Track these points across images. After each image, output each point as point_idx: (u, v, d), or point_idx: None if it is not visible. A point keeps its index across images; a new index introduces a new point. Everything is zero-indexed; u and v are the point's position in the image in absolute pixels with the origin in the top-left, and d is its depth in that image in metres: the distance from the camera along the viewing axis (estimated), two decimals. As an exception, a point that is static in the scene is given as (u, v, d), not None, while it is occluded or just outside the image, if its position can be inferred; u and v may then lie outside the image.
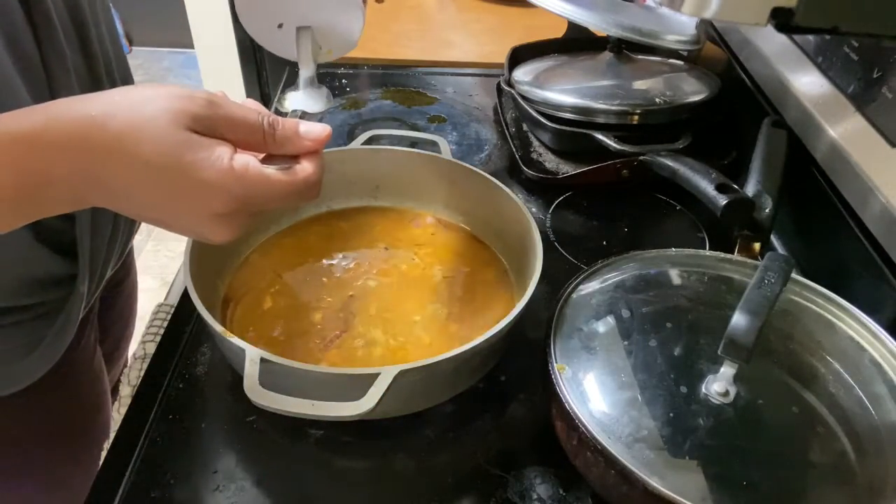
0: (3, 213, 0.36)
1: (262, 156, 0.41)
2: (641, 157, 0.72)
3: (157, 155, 0.36)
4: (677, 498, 0.38)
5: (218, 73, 2.55)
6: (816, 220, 0.66)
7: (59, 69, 0.48)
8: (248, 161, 0.39)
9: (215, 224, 0.39)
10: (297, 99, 0.68)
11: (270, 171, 0.40)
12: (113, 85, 0.56)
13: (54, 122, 0.35)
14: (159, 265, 2.07)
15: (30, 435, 0.60)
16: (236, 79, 2.26)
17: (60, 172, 0.35)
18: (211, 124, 0.38)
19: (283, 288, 0.60)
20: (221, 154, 0.38)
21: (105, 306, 0.74)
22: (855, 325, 0.49)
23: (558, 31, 0.94)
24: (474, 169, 0.64)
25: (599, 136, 0.75)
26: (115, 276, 0.75)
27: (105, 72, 0.55)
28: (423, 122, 0.91)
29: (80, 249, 0.53)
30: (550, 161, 0.80)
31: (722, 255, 0.56)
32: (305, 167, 0.41)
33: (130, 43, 3.18)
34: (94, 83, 0.54)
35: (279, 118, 0.41)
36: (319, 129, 0.42)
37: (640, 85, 0.82)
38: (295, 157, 0.42)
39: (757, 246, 0.59)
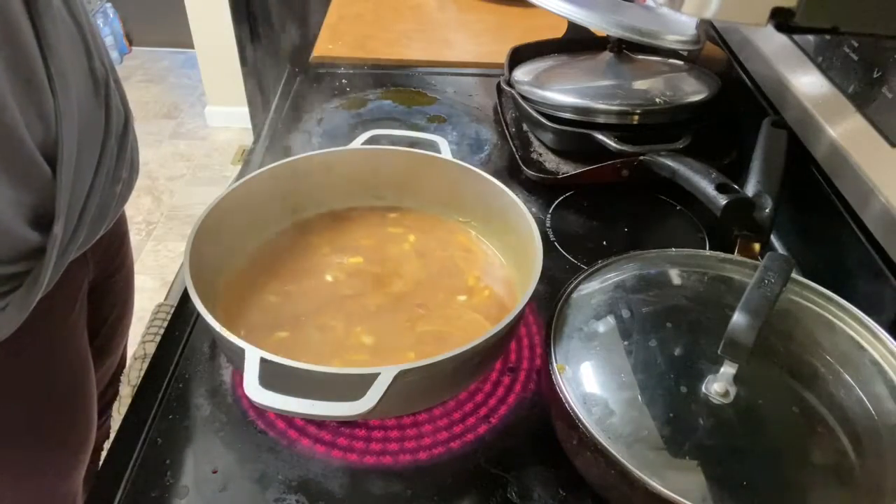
0: None
1: None
2: (641, 157, 0.72)
3: None
4: (677, 498, 0.38)
5: (218, 73, 2.57)
6: (816, 220, 0.66)
7: None
8: None
9: None
10: None
11: None
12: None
13: None
14: (159, 265, 2.07)
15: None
16: (236, 79, 2.27)
17: None
18: None
19: (284, 287, 0.60)
20: None
21: (101, 293, 0.75)
22: (855, 325, 0.49)
23: (558, 31, 0.94)
24: (474, 169, 0.64)
25: (599, 136, 0.75)
26: (112, 266, 0.76)
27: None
28: (423, 122, 0.91)
29: (58, 192, 0.53)
30: (550, 161, 0.80)
31: (722, 255, 0.56)
32: None
33: (130, 43, 3.18)
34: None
35: None
36: None
37: (640, 85, 0.82)
38: None
39: (757, 246, 0.59)
